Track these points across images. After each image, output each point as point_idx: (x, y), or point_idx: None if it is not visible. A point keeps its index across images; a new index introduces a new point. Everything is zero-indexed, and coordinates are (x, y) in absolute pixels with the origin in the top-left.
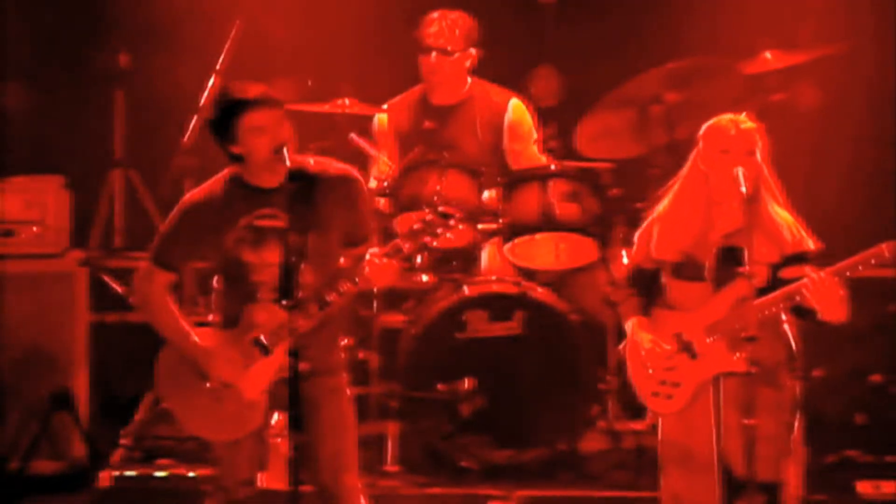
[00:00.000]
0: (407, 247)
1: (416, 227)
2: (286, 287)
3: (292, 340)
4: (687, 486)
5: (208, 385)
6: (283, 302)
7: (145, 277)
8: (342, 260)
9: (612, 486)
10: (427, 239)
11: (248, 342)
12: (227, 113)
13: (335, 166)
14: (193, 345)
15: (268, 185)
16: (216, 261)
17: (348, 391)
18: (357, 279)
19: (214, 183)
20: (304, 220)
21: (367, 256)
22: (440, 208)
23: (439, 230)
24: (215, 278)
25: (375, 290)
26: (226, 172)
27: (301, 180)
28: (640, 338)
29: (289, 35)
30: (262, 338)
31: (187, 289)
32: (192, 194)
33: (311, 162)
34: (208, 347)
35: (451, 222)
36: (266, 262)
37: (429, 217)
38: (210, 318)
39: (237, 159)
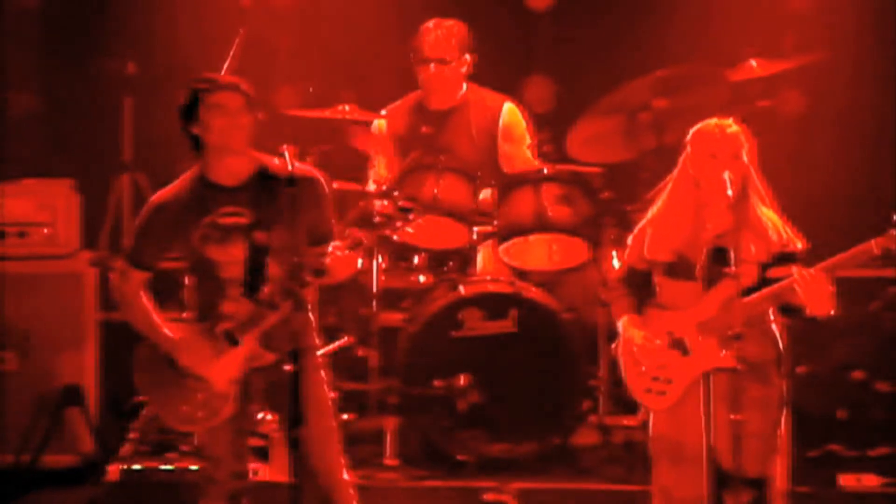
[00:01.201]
0: (367, 239)
1: (376, 220)
2: (253, 281)
3: (260, 331)
4: (677, 480)
5: (179, 376)
6: (252, 295)
7: (121, 276)
8: (305, 256)
9: (603, 480)
10: (387, 232)
11: (218, 334)
12: (195, 93)
13: (298, 167)
14: (165, 337)
15: (230, 184)
16: (186, 258)
17: (322, 372)
18: (321, 272)
19: (181, 182)
20: (269, 217)
21: (330, 249)
22: (400, 203)
23: (399, 223)
24: (186, 277)
25: (338, 281)
26: (191, 172)
27: (264, 179)
28: (632, 335)
29: (291, 43)
30: (231, 329)
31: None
32: (159, 194)
33: (276, 161)
34: (178, 339)
35: (411, 216)
36: (233, 258)
37: (389, 210)
38: (184, 314)
39: (197, 147)
